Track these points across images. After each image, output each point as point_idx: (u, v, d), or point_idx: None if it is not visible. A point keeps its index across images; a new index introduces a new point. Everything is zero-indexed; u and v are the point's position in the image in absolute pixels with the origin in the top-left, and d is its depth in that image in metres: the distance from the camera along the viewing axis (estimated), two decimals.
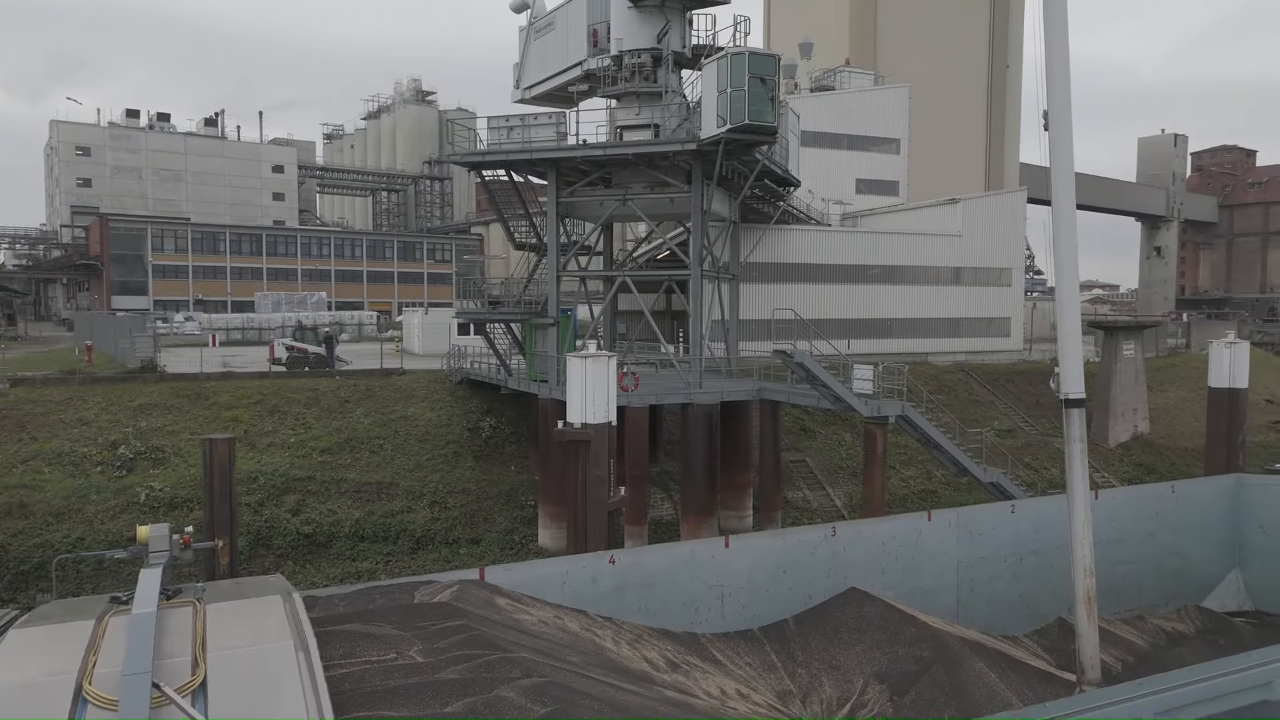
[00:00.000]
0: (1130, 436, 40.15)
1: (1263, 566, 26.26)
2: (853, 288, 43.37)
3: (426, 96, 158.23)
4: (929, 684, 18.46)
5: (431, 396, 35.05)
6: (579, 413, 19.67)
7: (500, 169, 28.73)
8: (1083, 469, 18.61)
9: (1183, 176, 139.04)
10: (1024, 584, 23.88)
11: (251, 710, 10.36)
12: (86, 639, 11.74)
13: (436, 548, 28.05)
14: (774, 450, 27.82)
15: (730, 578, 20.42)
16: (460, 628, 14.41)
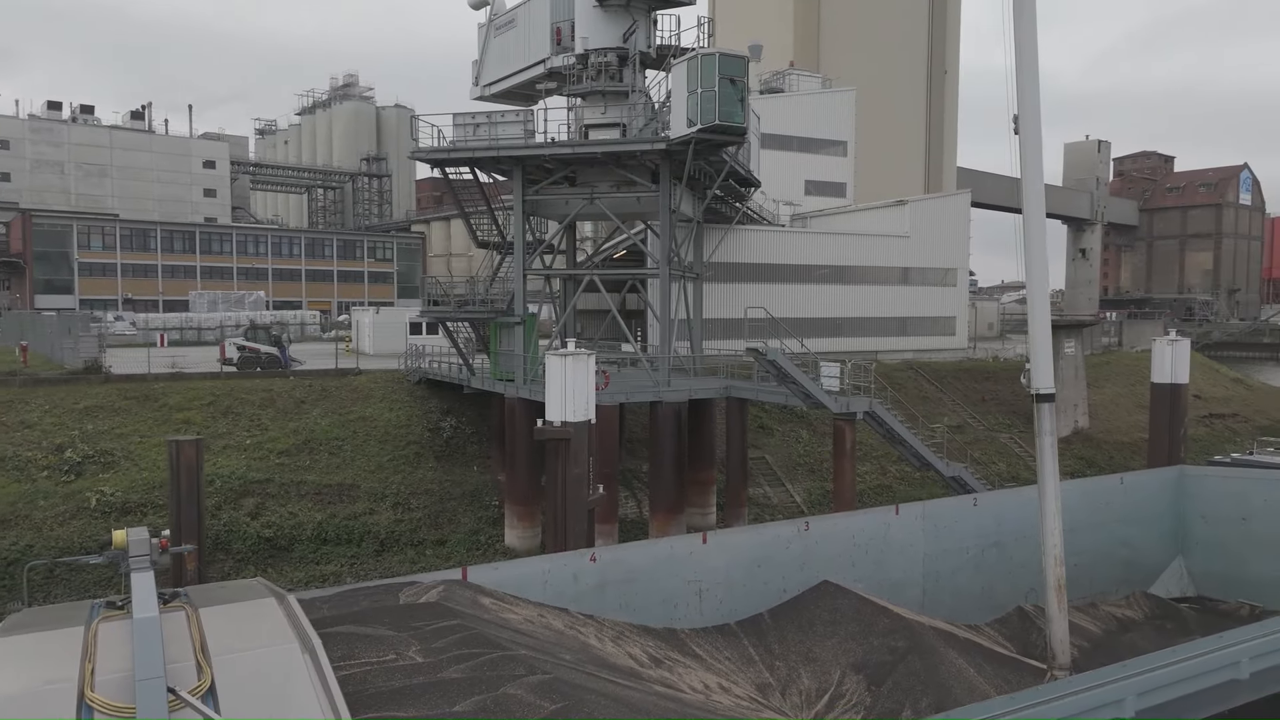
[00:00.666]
0: (1071, 431, 41.61)
1: (1204, 554, 27.49)
2: (805, 287, 44.07)
3: (364, 92, 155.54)
4: (905, 673, 18.90)
5: (390, 397, 34.56)
6: (559, 411, 19.65)
7: (465, 166, 28.46)
8: (1053, 461, 19.28)
9: (1106, 181, 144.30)
10: (986, 575, 24.61)
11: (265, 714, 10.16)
12: (78, 646, 11.40)
13: (402, 549, 27.70)
14: (741, 447, 28.16)
15: (708, 573, 20.62)
16: (456, 627, 14.31)
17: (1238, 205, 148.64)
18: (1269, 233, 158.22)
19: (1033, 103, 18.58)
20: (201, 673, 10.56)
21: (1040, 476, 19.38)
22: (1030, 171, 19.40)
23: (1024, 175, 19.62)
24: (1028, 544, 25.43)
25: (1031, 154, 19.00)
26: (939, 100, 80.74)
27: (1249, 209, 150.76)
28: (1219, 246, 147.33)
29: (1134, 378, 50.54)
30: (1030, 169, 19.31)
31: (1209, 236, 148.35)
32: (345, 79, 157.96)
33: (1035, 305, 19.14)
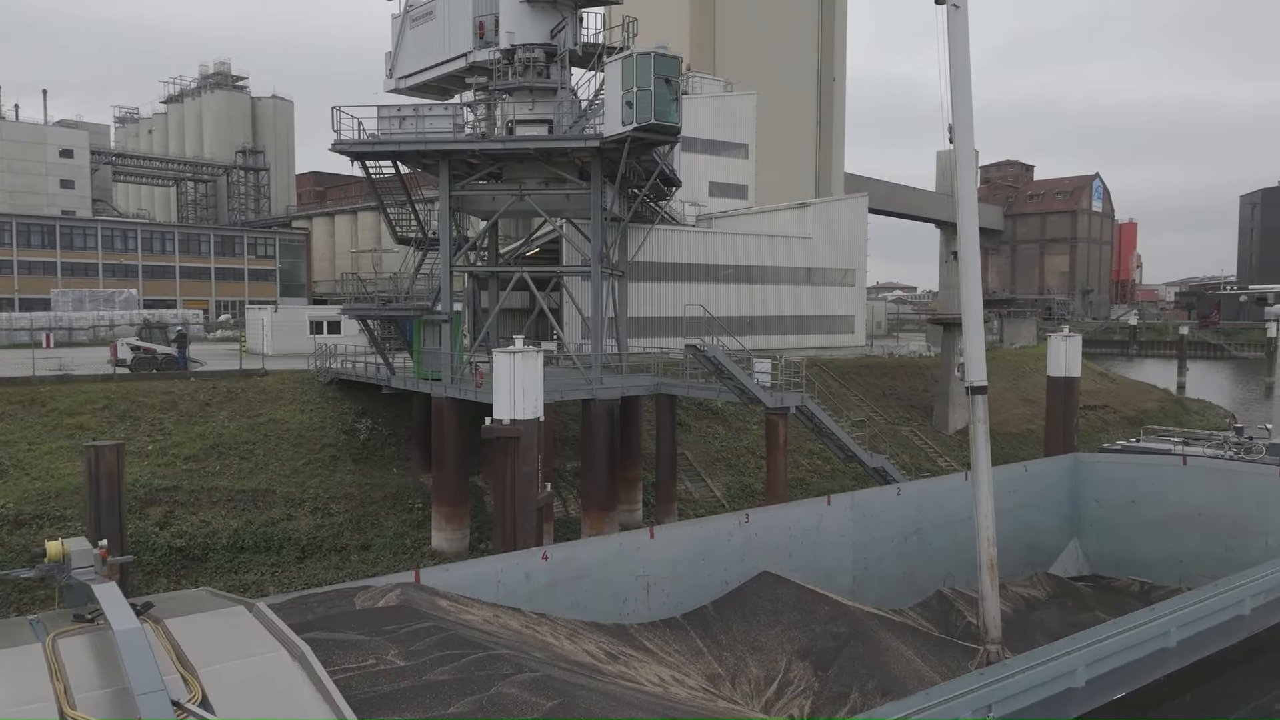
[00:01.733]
0: (965, 423, 43.80)
1: (1097, 536, 29.54)
2: (716, 287, 44.85)
3: (236, 81, 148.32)
4: (849, 658, 19.61)
5: (300, 398, 33.28)
6: (507, 409, 19.42)
7: (388, 159, 27.66)
8: (985, 448, 20.34)
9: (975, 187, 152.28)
10: (908, 561, 25.75)
11: None
12: (39, 664, 10.72)
13: (325, 556, 26.74)
14: (670, 444, 28.46)
15: (655, 567, 20.85)
16: (431, 629, 14.03)
17: (1090, 212, 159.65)
18: (1117, 238, 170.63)
19: (965, 114, 19.60)
20: (189, 685, 10.09)
21: (974, 463, 20.44)
22: (964, 178, 20.51)
23: (957, 181, 20.71)
24: (945, 531, 26.78)
25: (965, 161, 20.07)
26: (828, 106, 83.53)
27: (1100, 215, 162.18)
28: (1074, 250, 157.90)
29: (1016, 373, 53.66)
30: (964, 175, 20.40)
31: (1065, 241, 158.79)
32: (216, 67, 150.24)
33: (968, 303, 20.19)
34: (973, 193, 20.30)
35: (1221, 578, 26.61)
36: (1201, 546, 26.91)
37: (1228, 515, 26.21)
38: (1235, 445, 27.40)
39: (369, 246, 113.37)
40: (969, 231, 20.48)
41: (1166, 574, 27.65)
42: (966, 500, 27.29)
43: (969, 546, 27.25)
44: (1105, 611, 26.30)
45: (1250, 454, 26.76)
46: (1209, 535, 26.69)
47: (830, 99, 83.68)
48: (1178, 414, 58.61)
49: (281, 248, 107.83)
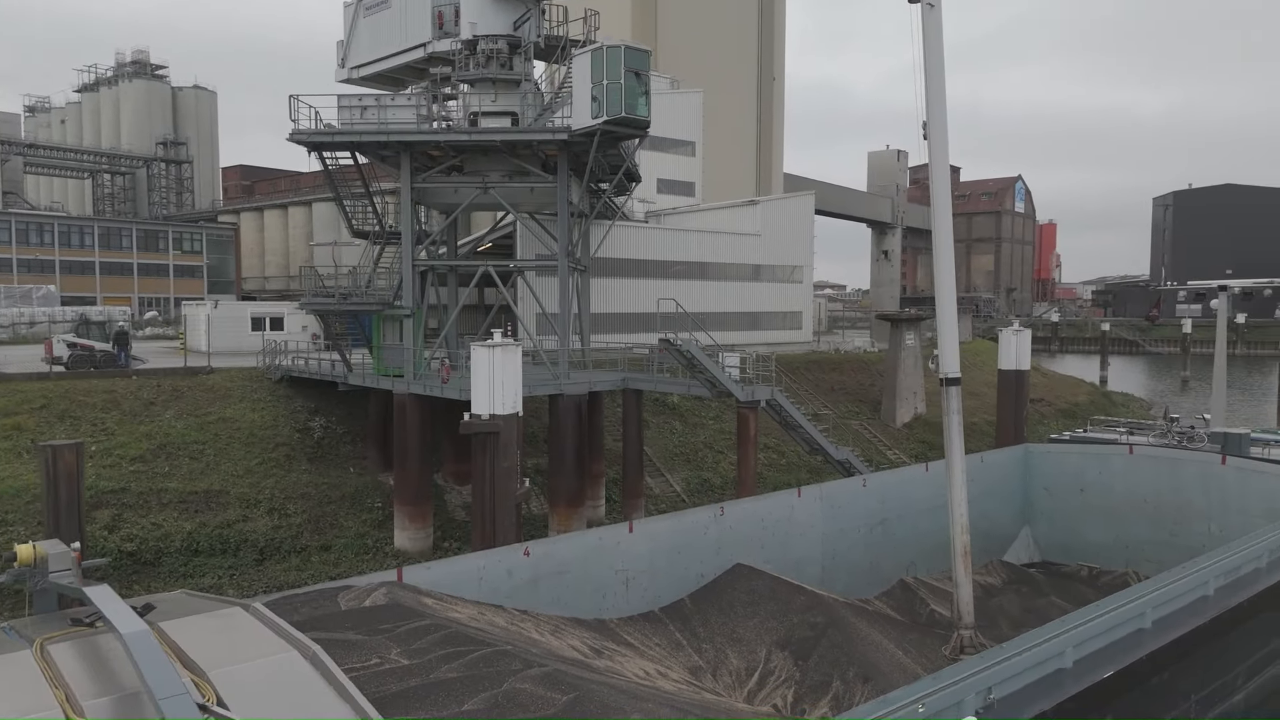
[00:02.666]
0: (912, 416, 44.84)
1: (1047, 523, 30.50)
2: (667, 283, 44.94)
3: (156, 70, 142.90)
4: (828, 647, 19.86)
5: (250, 396, 32.25)
6: (486, 404, 19.10)
7: (347, 150, 26.93)
8: (959, 437, 20.81)
9: (904, 188, 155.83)
10: (874, 551, 26.20)
11: None
12: (32, 672, 10.17)
13: (285, 557, 25.98)
14: (637, 439, 28.39)
15: (634, 561, 20.80)
16: (429, 627, 13.75)
17: (1014, 213, 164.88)
18: (1038, 238, 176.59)
19: (940, 113, 20.02)
20: (200, 688, 9.69)
21: (948, 452, 20.89)
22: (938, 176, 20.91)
23: (932, 180, 21.13)
24: (907, 521, 27.32)
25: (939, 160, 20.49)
26: (768, 106, 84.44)
27: (1023, 216, 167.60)
28: (999, 250, 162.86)
29: None
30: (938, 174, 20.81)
31: (990, 240, 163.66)
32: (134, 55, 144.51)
33: (943, 299, 20.63)
34: (947, 190, 20.70)
35: (1166, 561, 27.86)
36: (1147, 532, 27.99)
37: (1172, 501, 27.31)
38: (1178, 434, 28.56)
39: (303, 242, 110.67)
40: (943, 229, 20.94)
41: (1114, 559, 28.69)
42: (927, 491, 28.02)
43: (930, 536, 27.98)
44: (1059, 596, 27.22)
45: (1193, 442, 27.93)
46: (1154, 521, 27.77)
47: (770, 99, 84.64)
48: (1106, 406, 60.87)
49: (209, 243, 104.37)
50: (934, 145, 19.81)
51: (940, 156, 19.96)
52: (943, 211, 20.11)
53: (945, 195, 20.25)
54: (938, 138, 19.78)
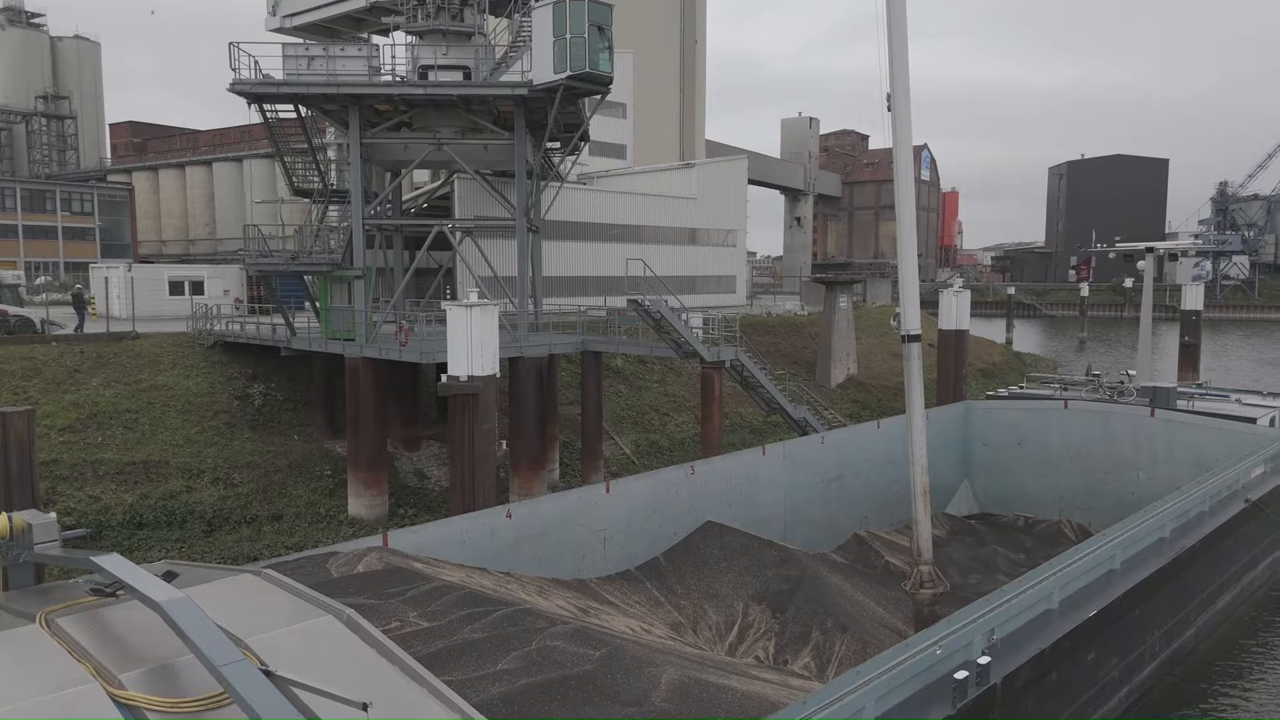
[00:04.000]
0: (845, 378, 45.97)
1: (985, 477, 31.80)
2: (604, 246, 44.65)
3: (31, 18, 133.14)
4: (803, 599, 20.35)
5: (183, 362, 30.75)
6: (464, 365, 18.66)
7: (291, 103, 25.62)
8: (919, 385, 21.22)
9: (816, 155, 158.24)
10: (831, 506, 26.87)
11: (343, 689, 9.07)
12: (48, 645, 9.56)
13: (235, 528, 25.02)
14: (596, 401, 28.23)
15: (611, 522, 20.83)
16: (440, 589, 13.51)
17: (920, 180, 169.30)
18: (942, 206, 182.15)
19: (903, 81, 20.30)
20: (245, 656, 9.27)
21: (908, 398, 21.22)
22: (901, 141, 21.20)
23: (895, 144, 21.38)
24: (861, 476, 28.10)
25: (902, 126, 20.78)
26: (690, 70, 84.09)
27: (928, 184, 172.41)
28: None
29: (880, 330, 56.57)
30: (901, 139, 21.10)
31: None
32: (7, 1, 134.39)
33: (905, 260, 21.05)
34: (909, 156, 20.99)
35: (1097, 509, 29.42)
36: (1080, 482, 29.48)
37: (1104, 453, 28.79)
38: (1110, 389, 30.05)
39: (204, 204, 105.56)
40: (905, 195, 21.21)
41: (1048, 509, 30.14)
42: (880, 447, 28.87)
43: (881, 491, 28.89)
44: (1000, 545, 28.49)
45: (1123, 396, 29.45)
46: (1086, 472, 29.25)
47: (693, 62, 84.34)
48: (1018, 366, 63.70)
49: (101, 204, 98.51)
50: (897, 115, 20.08)
51: (904, 126, 20.22)
52: (905, 177, 20.40)
53: (907, 162, 20.48)
54: (901, 107, 20.05)
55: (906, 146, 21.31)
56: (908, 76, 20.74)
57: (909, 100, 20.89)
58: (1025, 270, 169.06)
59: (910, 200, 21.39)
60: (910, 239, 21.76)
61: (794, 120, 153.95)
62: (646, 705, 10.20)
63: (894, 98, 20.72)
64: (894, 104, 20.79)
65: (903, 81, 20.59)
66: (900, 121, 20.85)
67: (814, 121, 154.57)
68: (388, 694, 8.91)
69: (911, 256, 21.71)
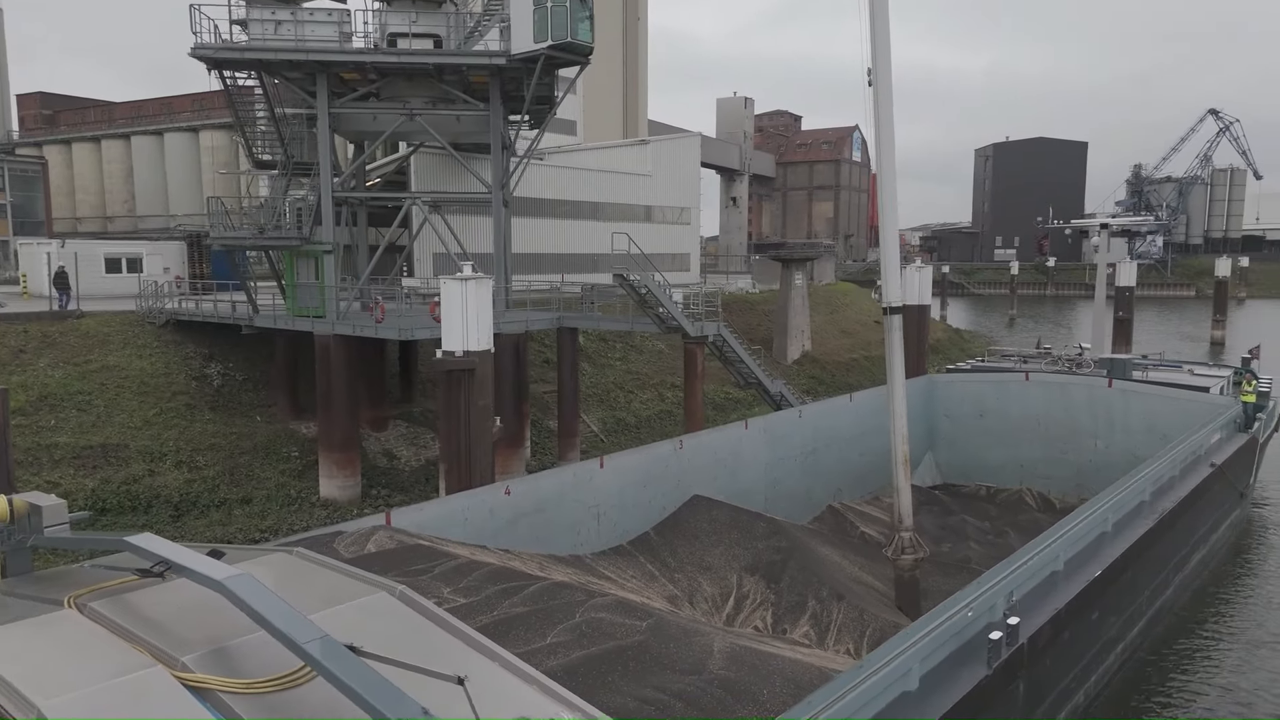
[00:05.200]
0: (801, 354, 46.51)
1: (948, 448, 32.58)
2: (561, 222, 44.18)
3: None
4: (796, 569, 20.58)
5: (134, 342, 29.44)
6: (459, 340, 18.21)
7: (254, 69, 24.48)
8: (900, 356, 21.55)
9: (751, 135, 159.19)
10: (808, 479, 27.21)
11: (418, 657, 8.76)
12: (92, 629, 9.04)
13: (204, 512, 24.14)
14: (573, 379, 27.93)
15: (605, 497, 20.73)
16: (466, 566, 13.27)
17: (851, 161, 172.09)
18: (873, 187, 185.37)
19: (885, 58, 20.48)
20: None
21: (890, 371, 21.58)
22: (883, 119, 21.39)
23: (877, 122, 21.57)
24: (835, 449, 28.51)
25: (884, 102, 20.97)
26: (633, 48, 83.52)
27: (859, 165, 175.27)
28: (838, 198, 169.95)
29: (829, 307, 57.40)
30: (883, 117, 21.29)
31: (831, 189, 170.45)
32: None
33: (887, 235, 21.34)
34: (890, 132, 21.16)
35: (1056, 478, 30.42)
36: (1040, 451, 30.43)
37: (1063, 423, 29.75)
38: (1068, 361, 31.03)
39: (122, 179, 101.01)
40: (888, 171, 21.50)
41: (1009, 478, 31.04)
42: (852, 420, 29.33)
43: (853, 463, 29.36)
44: (966, 514, 29.25)
45: (1081, 368, 30.43)
46: (1047, 441, 30.19)
47: (635, 40, 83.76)
48: (959, 342, 65.37)
49: (11, 179, 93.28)
50: (879, 90, 20.24)
51: (885, 101, 20.40)
52: (888, 154, 20.63)
53: (890, 139, 20.71)
54: (883, 82, 20.23)
55: (888, 123, 21.51)
56: (889, 52, 20.94)
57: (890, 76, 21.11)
58: (953, 250, 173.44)
59: (893, 176, 21.64)
60: (892, 214, 22.02)
61: (729, 100, 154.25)
62: (706, 673, 10.17)
63: (875, 73, 20.90)
64: (875, 79, 20.98)
65: (885, 57, 20.77)
66: (882, 97, 21.04)
67: (749, 101, 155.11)
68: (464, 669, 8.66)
69: (893, 230, 21.99)
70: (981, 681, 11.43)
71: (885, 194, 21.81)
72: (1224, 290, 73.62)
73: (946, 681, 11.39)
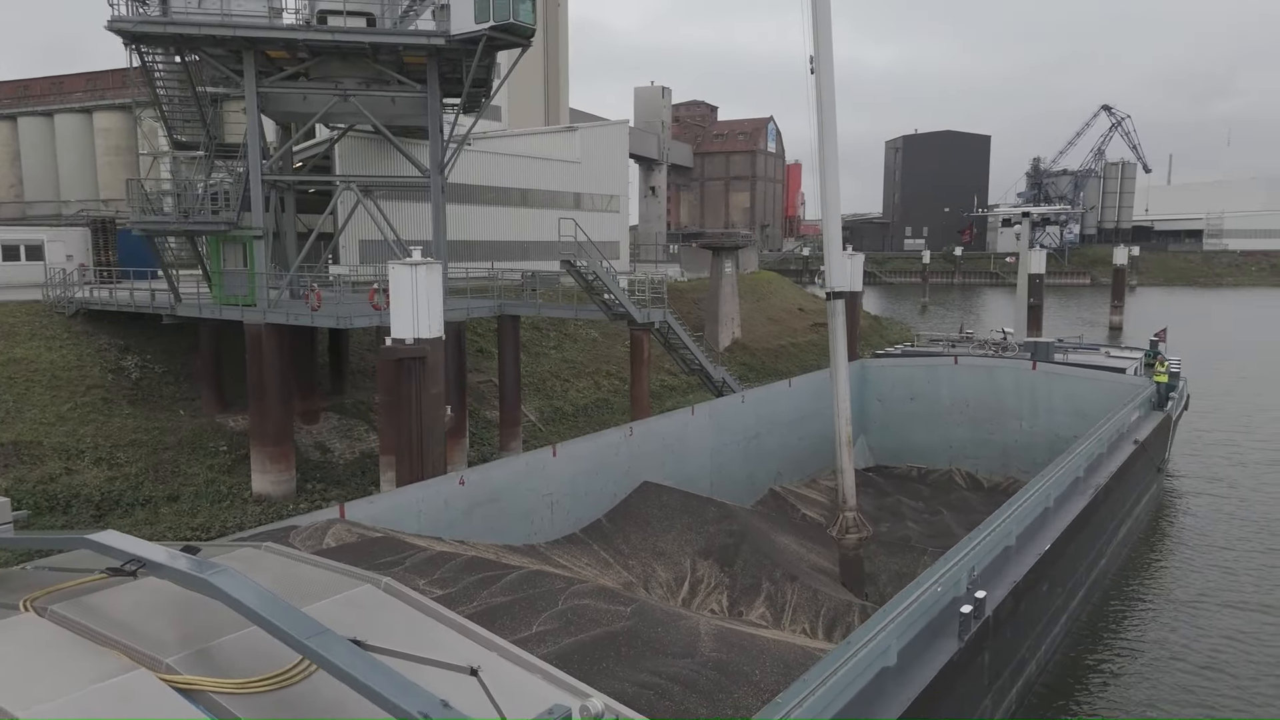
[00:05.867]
0: (731, 341, 46.94)
1: (880, 431, 33.34)
2: (491, 209, 43.48)
3: None
4: (749, 552, 20.79)
5: (42, 333, 27.78)
6: (409, 327, 17.67)
7: (174, 45, 23.17)
8: (843, 340, 21.78)
9: (669, 125, 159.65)
10: (750, 463, 27.48)
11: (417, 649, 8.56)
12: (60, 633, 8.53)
13: (129, 510, 22.96)
14: (514, 366, 27.46)
15: (558, 485, 20.53)
16: (438, 557, 12.98)
17: (767, 152, 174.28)
18: (787, 177, 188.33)
19: (826, 44, 20.75)
20: None
21: (833, 352, 21.81)
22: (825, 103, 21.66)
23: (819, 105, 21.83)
24: (776, 434, 28.87)
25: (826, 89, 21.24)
26: (554, 35, 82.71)
27: (774, 156, 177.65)
28: (754, 188, 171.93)
29: (755, 295, 58.09)
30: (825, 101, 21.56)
31: (747, 179, 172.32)
32: None
33: (829, 221, 21.62)
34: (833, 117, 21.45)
35: (983, 457, 31.43)
36: (967, 432, 31.42)
37: (990, 404, 30.77)
38: (994, 345, 32.08)
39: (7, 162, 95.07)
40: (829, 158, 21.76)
41: (938, 459, 31.97)
42: (792, 405, 29.74)
43: (792, 447, 29.79)
44: (899, 494, 29.95)
45: (1007, 352, 31.51)
46: (974, 423, 31.19)
47: (556, 27, 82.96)
48: (879, 329, 66.98)
49: None
50: (820, 78, 20.50)
51: (827, 88, 20.67)
52: (830, 142, 20.89)
53: (832, 126, 20.98)
54: (824, 69, 20.49)
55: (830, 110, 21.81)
56: (830, 38, 21.24)
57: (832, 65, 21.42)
58: (864, 240, 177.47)
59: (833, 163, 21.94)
60: (834, 198, 22.34)
61: (647, 89, 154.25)
62: (698, 655, 10.13)
63: (817, 60, 21.19)
64: (817, 66, 21.27)
65: (826, 46, 21.07)
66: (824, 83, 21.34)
67: (666, 91, 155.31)
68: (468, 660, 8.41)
69: (836, 217, 22.35)
70: (954, 655, 11.70)
71: (828, 183, 22.05)
72: (1122, 277, 77.34)
73: (922, 656, 11.63)
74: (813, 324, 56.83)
